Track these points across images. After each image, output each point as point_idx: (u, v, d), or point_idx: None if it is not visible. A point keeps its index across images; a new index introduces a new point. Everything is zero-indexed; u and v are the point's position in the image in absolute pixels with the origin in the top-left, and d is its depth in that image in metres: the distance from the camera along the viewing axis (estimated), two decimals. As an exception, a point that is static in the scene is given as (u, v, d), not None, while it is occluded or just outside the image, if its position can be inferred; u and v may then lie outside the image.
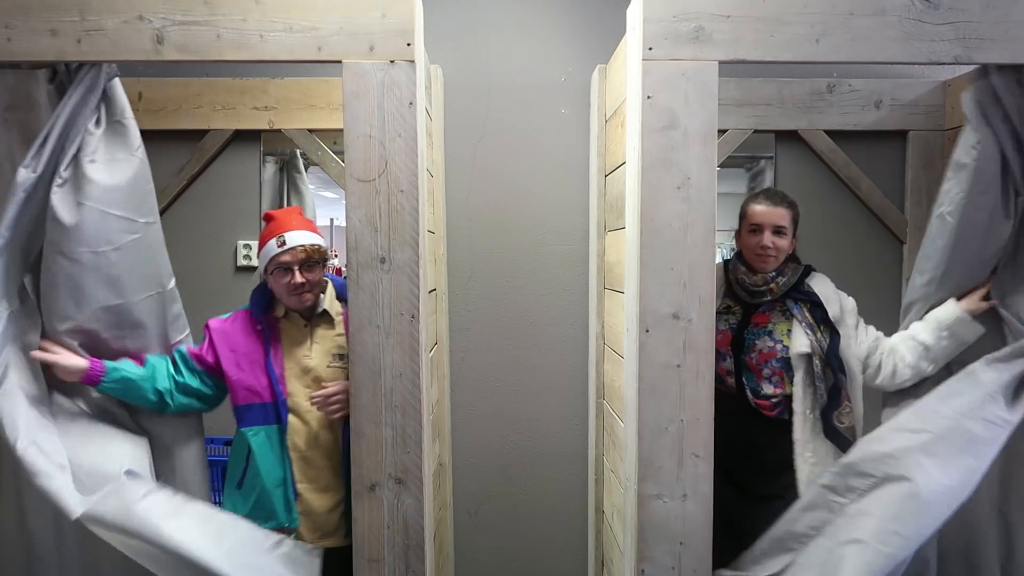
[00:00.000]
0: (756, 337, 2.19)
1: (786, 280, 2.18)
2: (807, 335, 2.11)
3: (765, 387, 2.17)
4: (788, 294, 2.18)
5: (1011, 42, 1.95)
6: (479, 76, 2.72)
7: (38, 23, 1.92)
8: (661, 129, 1.93)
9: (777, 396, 2.16)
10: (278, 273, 2.07)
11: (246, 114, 2.62)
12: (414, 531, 2.00)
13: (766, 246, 2.15)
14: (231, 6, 1.92)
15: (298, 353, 2.13)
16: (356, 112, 1.92)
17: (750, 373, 2.19)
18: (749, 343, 2.19)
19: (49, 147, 1.91)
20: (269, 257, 2.07)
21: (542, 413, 2.81)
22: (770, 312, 2.20)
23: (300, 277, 2.06)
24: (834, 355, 2.09)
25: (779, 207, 2.17)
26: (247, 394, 2.09)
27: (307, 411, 2.09)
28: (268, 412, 2.08)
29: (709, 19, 1.92)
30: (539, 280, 2.78)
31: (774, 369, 2.16)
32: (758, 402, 2.17)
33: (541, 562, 2.86)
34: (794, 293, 2.17)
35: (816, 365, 2.09)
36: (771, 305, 2.21)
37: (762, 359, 2.17)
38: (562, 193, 2.76)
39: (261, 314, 2.14)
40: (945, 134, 2.67)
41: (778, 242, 2.15)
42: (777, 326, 2.18)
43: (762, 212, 2.18)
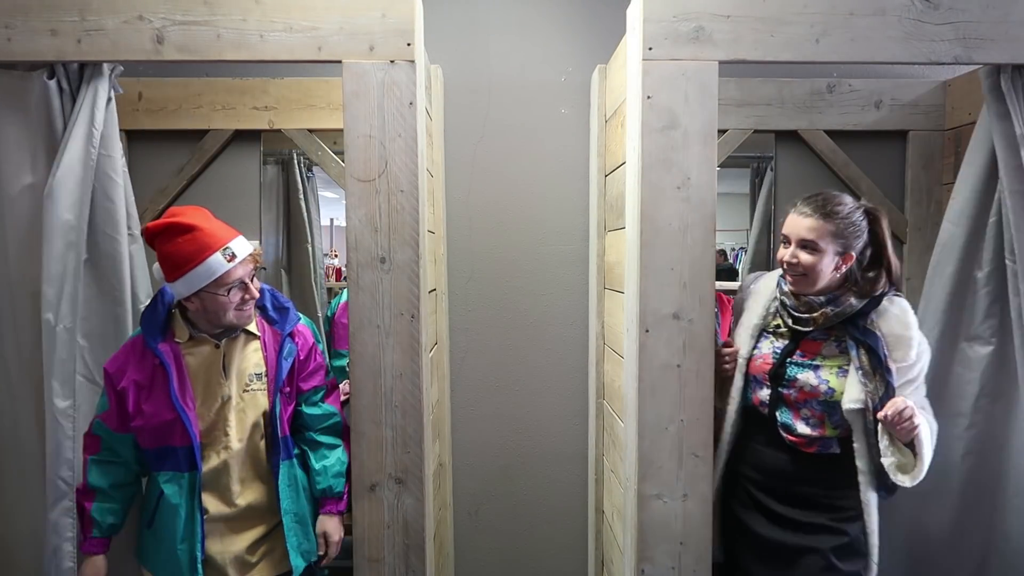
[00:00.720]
0: (799, 370, 1.90)
1: (839, 311, 1.83)
2: (863, 385, 1.80)
3: (800, 427, 1.90)
4: (848, 327, 1.85)
5: (1011, 42, 1.95)
6: (479, 76, 2.72)
7: (38, 23, 1.92)
8: (661, 129, 1.93)
9: (814, 437, 1.89)
10: (221, 294, 1.80)
11: (246, 114, 2.62)
12: (414, 531, 2.00)
13: (789, 261, 1.87)
14: (231, 6, 1.92)
15: (211, 382, 1.87)
16: (356, 112, 1.92)
17: (786, 409, 1.92)
18: (791, 376, 1.90)
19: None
20: (215, 275, 1.77)
21: (542, 413, 2.81)
22: (823, 342, 1.89)
23: (255, 290, 1.87)
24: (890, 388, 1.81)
25: (809, 218, 1.84)
26: (154, 438, 1.84)
27: (224, 446, 1.88)
28: (180, 458, 1.85)
29: (709, 19, 1.92)
30: (539, 280, 2.78)
31: (813, 411, 1.89)
32: (792, 439, 1.92)
33: (541, 562, 2.86)
34: (852, 329, 1.84)
35: (868, 421, 1.80)
36: (826, 333, 1.90)
37: (802, 397, 1.89)
38: (562, 193, 2.76)
39: (156, 343, 1.82)
40: (945, 134, 2.67)
41: (804, 258, 1.84)
42: (827, 361, 1.88)
43: (790, 222, 1.89)
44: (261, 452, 1.93)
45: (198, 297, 1.80)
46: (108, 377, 1.85)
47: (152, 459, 1.87)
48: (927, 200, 2.69)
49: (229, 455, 1.88)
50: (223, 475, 1.89)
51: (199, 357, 1.87)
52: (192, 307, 1.83)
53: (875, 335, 1.81)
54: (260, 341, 1.93)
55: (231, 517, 1.91)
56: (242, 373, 1.90)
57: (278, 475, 1.92)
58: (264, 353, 1.92)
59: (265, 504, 1.94)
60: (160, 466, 1.86)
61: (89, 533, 1.90)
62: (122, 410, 1.85)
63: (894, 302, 1.86)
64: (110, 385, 1.85)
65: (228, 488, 1.89)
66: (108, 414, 1.88)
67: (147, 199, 2.64)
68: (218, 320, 1.84)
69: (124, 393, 1.82)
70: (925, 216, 2.69)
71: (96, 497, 1.90)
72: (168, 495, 1.85)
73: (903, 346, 1.82)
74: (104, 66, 2.02)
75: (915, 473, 1.78)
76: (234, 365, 1.89)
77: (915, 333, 1.82)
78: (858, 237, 1.85)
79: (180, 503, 1.85)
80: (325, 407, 2.04)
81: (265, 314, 1.97)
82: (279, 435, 1.92)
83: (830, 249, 1.83)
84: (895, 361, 1.80)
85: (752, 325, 1.99)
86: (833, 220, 1.82)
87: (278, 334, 1.94)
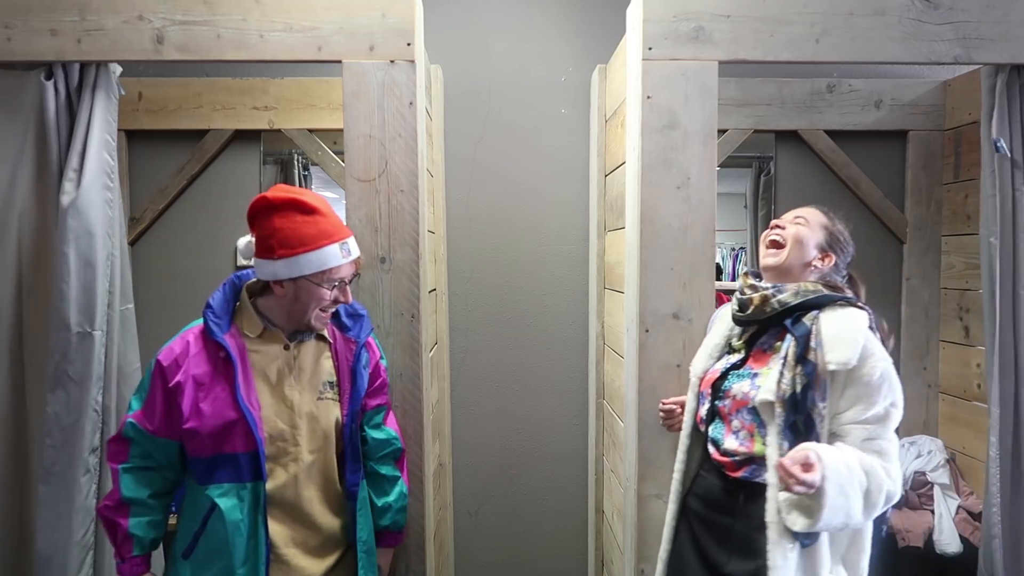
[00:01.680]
0: (737, 379, 1.67)
1: (784, 297, 1.61)
2: (778, 375, 1.56)
3: (728, 441, 1.65)
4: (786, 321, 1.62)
5: (1011, 42, 1.96)
6: (479, 76, 2.72)
7: (38, 23, 1.92)
8: (661, 129, 1.93)
9: (740, 455, 1.62)
10: (323, 287, 1.61)
11: (246, 114, 2.62)
12: (414, 531, 1.99)
13: (776, 225, 1.72)
14: (231, 6, 1.92)
15: (279, 384, 1.65)
16: (356, 112, 1.92)
17: (719, 423, 1.69)
18: (727, 387, 1.68)
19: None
20: (327, 266, 1.59)
21: (542, 413, 2.81)
22: (772, 354, 1.64)
23: (349, 295, 1.68)
24: (800, 405, 1.52)
25: (808, 208, 1.75)
26: (212, 443, 1.58)
27: (293, 458, 1.64)
28: (242, 466, 1.59)
29: (709, 19, 1.92)
30: (539, 280, 2.78)
31: (743, 421, 1.63)
32: (719, 458, 1.67)
33: (541, 562, 2.86)
34: (788, 323, 1.61)
35: (778, 415, 1.54)
36: (774, 340, 1.66)
37: (735, 407, 1.65)
38: (562, 193, 2.76)
39: (224, 335, 1.61)
40: (945, 134, 2.67)
41: (790, 229, 1.69)
42: (771, 369, 1.61)
43: (788, 212, 1.77)
44: (333, 469, 1.69)
45: (294, 284, 1.60)
46: (160, 370, 1.59)
47: (203, 470, 1.60)
48: (927, 200, 2.69)
49: (299, 468, 1.64)
50: (290, 491, 1.64)
51: (267, 356, 1.64)
52: (279, 293, 1.62)
53: (805, 325, 1.58)
54: (331, 348, 1.72)
55: (300, 541, 1.66)
56: (315, 379, 1.68)
57: (356, 496, 1.70)
58: (335, 361, 1.71)
59: (337, 528, 1.70)
60: (213, 477, 1.59)
61: (129, 553, 1.62)
62: (172, 409, 1.59)
63: (848, 308, 1.60)
64: (160, 380, 1.59)
65: (297, 506, 1.65)
66: (148, 413, 1.61)
67: (147, 199, 2.65)
68: (299, 317, 1.64)
69: (178, 389, 1.57)
70: (925, 216, 2.69)
71: (133, 511, 1.63)
72: (226, 510, 1.57)
73: (842, 346, 1.52)
74: (112, 67, 2.02)
75: (812, 522, 1.47)
76: (306, 369, 1.67)
77: (863, 339, 1.52)
78: (843, 255, 1.71)
79: (242, 519, 1.58)
80: (388, 431, 1.81)
81: (337, 320, 1.75)
82: (355, 451, 1.71)
83: (819, 235, 1.69)
84: (830, 362, 1.51)
85: (713, 345, 1.78)
86: (829, 218, 1.74)
87: (350, 342, 1.73)
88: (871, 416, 1.51)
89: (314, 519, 1.66)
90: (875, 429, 1.51)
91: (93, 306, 2.00)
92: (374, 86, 1.92)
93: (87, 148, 1.97)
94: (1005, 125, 2.03)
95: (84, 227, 1.96)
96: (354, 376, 1.71)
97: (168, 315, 2.56)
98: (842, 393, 1.53)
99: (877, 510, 1.50)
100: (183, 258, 2.68)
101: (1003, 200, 2.05)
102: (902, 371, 2.74)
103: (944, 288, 2.69)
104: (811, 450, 1.44)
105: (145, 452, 1.63)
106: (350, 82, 1.92)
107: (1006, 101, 2.02)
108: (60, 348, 1.98)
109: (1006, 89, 2.02)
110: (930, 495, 2.51)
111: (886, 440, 1.53)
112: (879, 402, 1.51)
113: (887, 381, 1.52)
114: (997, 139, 2.02)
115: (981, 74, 2.09)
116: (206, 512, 1.60)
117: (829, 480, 1.43)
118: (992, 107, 2.05)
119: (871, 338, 1.55)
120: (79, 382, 1.99)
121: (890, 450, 1.52)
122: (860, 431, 1.52)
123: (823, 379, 1.53)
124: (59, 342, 1.98)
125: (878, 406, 1.51)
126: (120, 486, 1.62)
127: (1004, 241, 2.05)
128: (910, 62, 1.98)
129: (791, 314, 1.61)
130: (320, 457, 1.67)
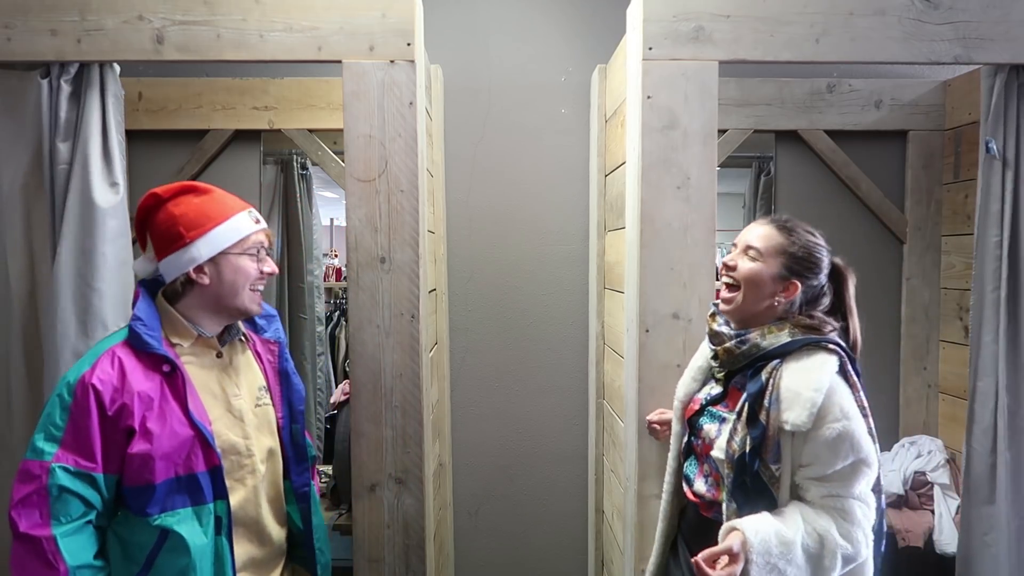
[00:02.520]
0: (709, 420, 1.58)
1: (744, 349, 1.50)
2: (730, 433, 1.48)
3: (698, 483, 1.59)
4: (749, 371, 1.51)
5: (1011, 42, 1.96)
6: (479, 76, 2.72)
7: (38, 23, 1.92)
8: (661, 129, 1.93)
9: (708, 496, 1.57)
10: (246, 258, 1.50)
11: (246, 114, 2.62)
12: (414, 531, 2.00)
13: (726, 263, 1.56)
14: (231, 6, 1.92)
15: (223, 394, 1.53)
16: (356, 112, 1.92)
17: (694, 461, 1.63)
18: (700, 425, 1.60)
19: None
20: (243, 234, 1.50)
21: (542, 413, 2.81)
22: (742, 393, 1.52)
23: (274, 266, 1.58)
24: (747, 468, 1.43)
25: (765, 226, 1.55)
26: (165, 466, 1.39)
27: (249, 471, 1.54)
28: (202, 486, 1.43)
29: (709, 19, 1.92)
30: (539, 280, 2.78)
31: (712, 468, 1.56)
32: (691, 497, 1.62)
33: (541, 562, 2.86)
34: (749, 372, 1.51)
35: (726, 475, 1.47)
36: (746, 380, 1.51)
37: (704, 451, 1.57)
38: (562, 193, 2.76)
39: (161, 345, 1.44)
40: (945, 134, 2.67)
41: (742, 265, 1.52)
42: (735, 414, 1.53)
43: (744, 230, 1.60)
44: (280, 476, 1.62)
45: (215, 265, 1.48)
46: (94, 395, 1.36)
47: (149, 499, 1.39)
48: (927, 200, 2.69)
49: (256, 481, 1.54)
50: (251, 506, 1.54)
51: (203, 367, 1.52)
52: (203, 282, 1.48)
53: (760, 381, 1.45)
54: (252, 351, 1.64)
55: (259, 560, 1.57)
56: (252, 385, 1.60)
57: (308, 496, 1.65)
58: (260, 364, 1.63)
59: (282, 541, 1.64)
60: (166, 505, 1.41)
61: None
62: (112, 437, 1.37)
63: (816, 354, 1.45)
64: (94, 405, 1.36)
65: (258, 522, 1.56)
66: (79, 449, 1.35)
67: (147, 199, 2.64)
68: (229, 303, 1.51)
69: (123, 412, 1.37)
70: (925, 216, 2.69)
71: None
72: (188, 537, 1.40)
73: (796, 406, 1.40)
74: (115, 67, 2.03)
75: None
76: (241, 376, 1.58)
77: (821, 397, 1.39)
78: (812, 273, 1.52)
79: (205, 544, 1.43)
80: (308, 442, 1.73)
81: (251, 322, 1.66)
82: (299, 452, 1.66)
83: (775, 266, 1.51)
84: (785, 423, 1.41)
85: (697, 368, 1.70)
86: (789, 236, 1.52)
87: (270, 343, 1.66)
88: (831, 474, 1.42)
89: (269, 534, 1.58)
90: (836, 487, 1.42)
91: (128, 305, 2.02)
92: (374, 86, 1.92)
93: (110, 149, 2.00)
94: (1001, 125, 2.03)
95: (122, 227, 2.00)
96: (284, 376, 1.65)
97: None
98: (802, 449, 1.43)
99: (835, 573, 1.42)
100: (183, 258, 2.68)
101: (990, 199, 2.06)
102: (902, 371, 2.74)
103: (944, 288, 2.69)
104: (738, 533, 1.39)
105: (77, 503, 1.35)
106: (350, 82, 1.92)
107: (1003, 101, 2.03)
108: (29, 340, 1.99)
109: (1004, 89, 2.02)
110: (930, 495, 2.51)
111: (851, 499, 1.43)
112: (838, 462, 1.41)
113: (847, 441, 1.40)
114: (989, 140, 2.02)
115: (981, 74, 2.09)
116: (151, 548, 1.40)
117: (755, 564, 1.37)
118: (990, 107, 2.05)
119: (834, 391, 1.42)
120: None
121: (853, 510, 1.42)
122: (819, 489, 1.43)
123: (775, 439, 1.43)
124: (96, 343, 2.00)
125: (838, 465, 1.41)
126: (62, 557, 1.32)
127: (1006, 240, 2.06)
128: (910, 62, 1.98)
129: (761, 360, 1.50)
130: (270, 467, 1.59)
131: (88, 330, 1.99)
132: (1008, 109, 2.03)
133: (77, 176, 1.97)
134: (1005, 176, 2.04)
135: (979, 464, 2.11)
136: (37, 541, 1.31)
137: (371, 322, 1.95)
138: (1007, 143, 2.03)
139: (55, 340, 1.98)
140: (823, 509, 1.43)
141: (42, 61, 1.95)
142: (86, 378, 1.36)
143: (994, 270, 2.07)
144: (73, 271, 1.97)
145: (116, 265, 2.01)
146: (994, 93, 2.04)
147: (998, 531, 2.08)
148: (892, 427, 2.75)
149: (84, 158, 1.97)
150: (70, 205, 1.97)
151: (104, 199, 1.98)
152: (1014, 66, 2.01)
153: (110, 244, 1.98)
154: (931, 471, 2.53)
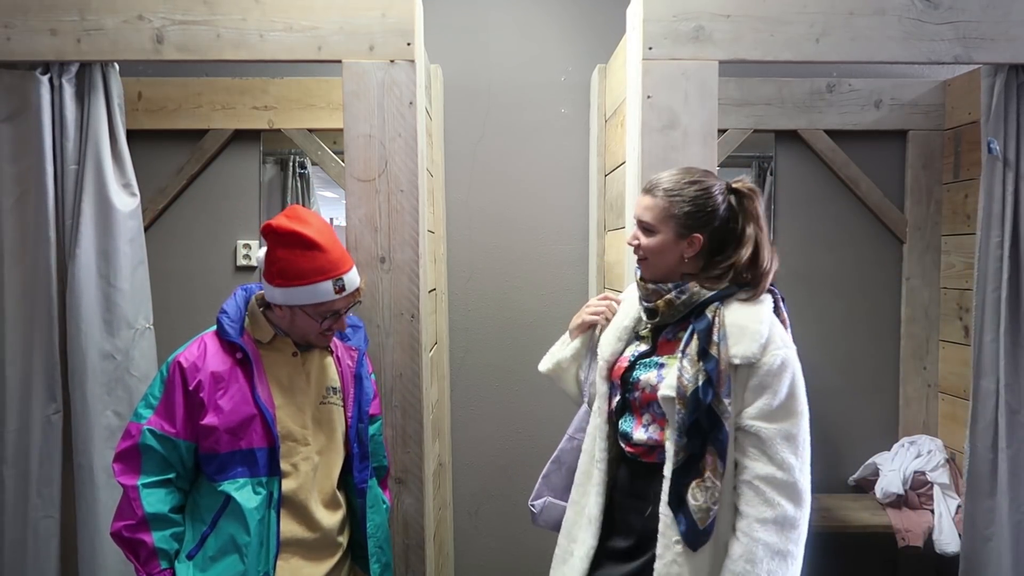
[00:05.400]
0: (645, 370, 1.59)
1: (685, 299, 1.54)
2: (679, 371, 1.50)
3: (638, 433, 1.58)
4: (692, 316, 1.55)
5: (1011, 42, 1.96)
6: (479, 76, 2.72)
7: (38, 23, 1.92)
8: (661, 129, 1.93)
9: (651, 442, 1.56)
10: (317, 316, 1.67)
11: (246, 114, 2.62)
12: (414, 531, 2.00)
13: (630, 242, 1.63)
14: (231, 6, 1.92)
15: (290, 387, 1.71)
16: (356, 112, 1.93)
17: (630, 416, 1.62)
18: (635, 378, 1.60)
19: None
20: (320, 301, 1.65)
21: (542, 413, 2.81)
22: (676, 343, 1.56)
23: (344, 324, 1.74)
24: (701, 403, 1.46)
25: (646, 196, 1.60)
26: (229, 438, 1.62)
27: (304, 458, 1.69)
28: (258, 461, 1.63)
29: (709, 19, 1.93)
30: (539, 280, 2.78)
31: (654, 415, 1.57)
32: (630, 449, 1.60)
33: (541, 562, 2.84)
34: (693, 318, 1.54)
35: (678, 412, 1.48)
36: (678, 330, 1.58)
37: (644, 400, 1.58)
38: (562, 193, 2.76)
39: (239, 336, 1.67)
40: (945, 134, 2.67)
41: (643, 241, 1.58)
42: (675, 359, 1.55)
43: (636, 202, 1.64)
44: (336, 473, 1.76)
45: (290, 310, 1.67)
46: (180, 372, 1.62)
47: (217, 466, 1.62)
48: (927, 200, 2.69)
49: (309, 468, 1.69)
50: (303, 491, 1.68)
51: (278, 362, 1.71)
52: (279, 314, 1.70)
53: (706, 318, 1.50)
54: (334, 356, 1.79)
55: (309, 543, 1.69)
56: (320, 384, 1.74)
57: (365, 493, 1.76)
58: (339, 368, 1.78)
59: (335, 531, 1.75)
60: (228, 473, 1.62)
61: (156, 568, 1.61)
62: (192, 409, 1.62)
63: (761, 299, 1.54)
64: (179, 381, 1.62)
65: (305, 507, 1.68)
66: (167, 416, 1.62)
67: (147, 199, 2.63)
68: (298, 338, 1.72)
69: (199, 388, 1.62)
70: (925, 216, 2.69)
71: (156, 526, 1.61)
72: (243, 501, 1.60)
73: (745, 339, 1.47)
74: (115, 67, 2.03)
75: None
76: (313, 375, 1.73)
77: (767, 329, 1.47)
78: (707, 219, 1.55)
79: (255, 511, 1.61)
80: (381, 446, 1.89)
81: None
82: (363, 450, 1.77)
83: (669, 232, 1.55)
84: (735, 356, 1.47)
85: (621, 327, 1.69)
86: (668, 198, 1.56)
87: (351, 350, 1.81)
88: (777, 407, 1.45)
89: (318, 520, 1.70)
90: (784, 427, 1.45)
91: (148, 302, 2.08)
92: (374, 86, 1.92)
93: (120, 151, 2.05)
94: (1001, 125, 2.03)
95: (139, 228, 2.05)
96: (359, 380, 1.79)
97: (167, 314, 2.54)
98: (746, 385, 1.47)
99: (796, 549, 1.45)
100: (182, 258, 2.68)
101: (992, 200, 2.07)
102: (902, 371, 2.74)
103: (944, 288, 2.70)
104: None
105: (162, 462, 1.62)
106: (350, 82, 1.92)
107: (1003, 101, 2.03)
108: (122, 348, 2.03)
109: (1004, 89, 2.02)
110: (930, 495, 2.51)
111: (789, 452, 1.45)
112: (783, 389, 1.45)
113: (790, 367, 1.46)
114: (990, 140, 2.02)
115: (981, 74, 2.10)
116: (216, 510, 1.63)
117: None
118: (990, 107, 2.05)
119: (775, 324, 1.50)
120: (143, 379, 2.05)
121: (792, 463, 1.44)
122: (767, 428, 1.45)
123: (726, 373, 1.47)
124: (122, 341, 2.04)
125: (782, 392, 1.45)
126: (141, 503, 1.59)
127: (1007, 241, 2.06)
128: (910, 62, 1.99)
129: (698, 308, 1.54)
130: (325, 460, 1.73)
131: (113, 329, 2.03)
132: (1008, 109, 2.03)
133: (90, 178, 1.99)
134: (1006, 177, 2.04)
135: (980, 461, 2.12)
136: (126, 488, 1.60)
137: (371, 322, 1.95)
138: (1007, 143, 2.03)
139: (80, 341, 2.00)
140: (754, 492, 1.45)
141: (42, 61, 1.95)
142: (178, 358, 1.64)
143: (995, 270, 2.07)
144: (95, 272, 2.01)
145: (135, 264, 2.05)
146: (994, 93, 2.04)
147: (999, 526, 2.10)
148: (892, 427, 2.75)
149: (96, 160, 1.99)
150: (85, 207, 1.99)
151: (121, 202, 2.04)
152: (1014, 66, 2.01)
153: (129, 244, 2.04)
154: (931, 471, 2.53)
